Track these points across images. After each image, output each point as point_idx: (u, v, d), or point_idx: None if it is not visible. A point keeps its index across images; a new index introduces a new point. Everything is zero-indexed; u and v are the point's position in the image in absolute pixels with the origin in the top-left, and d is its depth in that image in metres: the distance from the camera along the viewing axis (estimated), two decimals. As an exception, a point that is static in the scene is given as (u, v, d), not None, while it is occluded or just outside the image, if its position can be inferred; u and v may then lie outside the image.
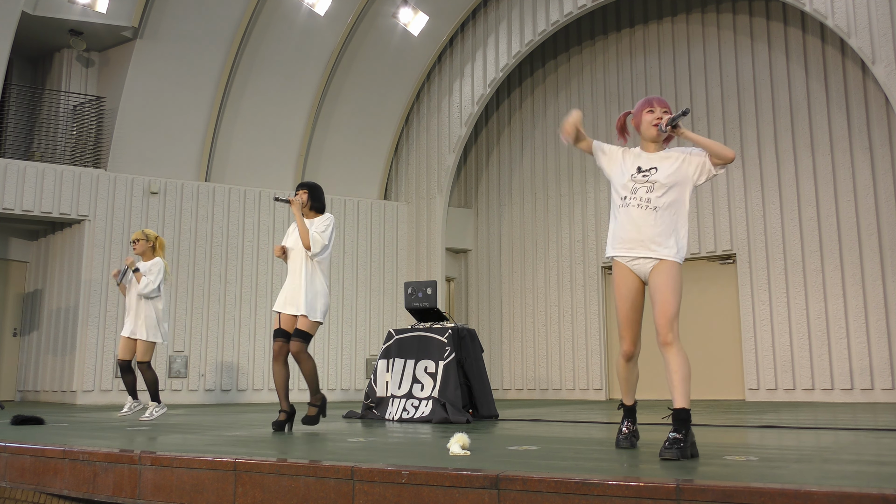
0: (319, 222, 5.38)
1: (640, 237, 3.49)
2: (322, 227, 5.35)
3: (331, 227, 5.39)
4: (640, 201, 3.51)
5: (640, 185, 3.53)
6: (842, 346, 9.95)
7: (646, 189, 3.51)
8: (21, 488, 3.89)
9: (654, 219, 3.48)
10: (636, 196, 3.52)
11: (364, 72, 12.79)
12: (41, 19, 10.82)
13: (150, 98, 11.37)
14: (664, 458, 3.19)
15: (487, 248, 13.48)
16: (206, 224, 11.53)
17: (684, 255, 3.53)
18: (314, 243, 5.25)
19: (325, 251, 5.33)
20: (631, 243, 3.52)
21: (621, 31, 12.59)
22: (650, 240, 3.47)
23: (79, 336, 10.62)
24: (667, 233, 3.47)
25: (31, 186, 10.57)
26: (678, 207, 3.51)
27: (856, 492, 2.17)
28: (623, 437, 3.72)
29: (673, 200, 3.50)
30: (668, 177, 3.52)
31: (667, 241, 3.46)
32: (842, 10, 9.49)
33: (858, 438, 4.30)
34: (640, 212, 3.50)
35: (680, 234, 3.51)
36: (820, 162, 10.47)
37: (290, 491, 2.99)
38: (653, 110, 3.62)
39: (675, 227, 3.49)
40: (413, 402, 6.45)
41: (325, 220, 5.39)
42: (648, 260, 3.49)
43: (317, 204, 5.49)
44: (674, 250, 3.47)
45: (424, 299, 7.01)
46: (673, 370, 3.41)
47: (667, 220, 3.48)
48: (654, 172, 3.54)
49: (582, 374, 12.04)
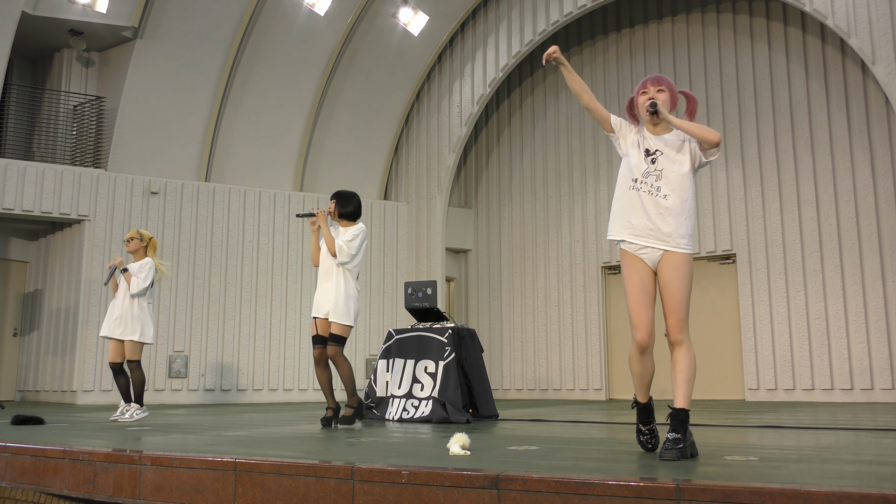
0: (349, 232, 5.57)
1: (649, 225, 3.39)
2: (350, 236, 5.53)
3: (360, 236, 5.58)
4: (650, 188, 3.41)
5: (650, 172, 3.43)
6: (842, 346, 9.95)
7: (655, 177, 3.42)
8: (21, 488, 3.89)
9: (665, 208, 3.38)
10: (647, 182, 3.42)
11: (364, 72, 12.79)
12: (41, 19, 10.82)
13: (150, 98, 11.37)
14: (664, 458, 3.15)
15: (487, 248, 13.48)
16: (206, 224, 11.53)
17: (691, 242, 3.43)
18: (340, 252, 5.45)
19: (354, 260, 5.54)
20: (640, 230, 3.41)
21: (621, 31, 12.59)
22: (659, 229, 3.37)
23: (79, 336, 10.62)
24: (677, 222, 3.37)
25: (31, 186, 10.57)
26: (685, 195, 3.41)
27: (856, 492, 2.17)
28: (646, 439, 3.54)
29: (680, 188, 3.40)
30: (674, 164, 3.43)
31: (677, 231, 3.37)
32: (842, 10, 9.49)
33: (858, 438, 4.30)
34: (651, 199, 3.40)
35: (690, 224, 3.42)
36: (820, 162, 10.47)
37: (290, 491, 2.99)
38: (646, 91, 3.51)
39: (684, 215, 3.39)
40: (413, 402, 6.44)
41: (355, 231, 5.59)
42: (658, 250, 3.39)
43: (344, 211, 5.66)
44: (684, 240, 3.38)
45: (424, 299, 7.01)
46: (679, 369, 3.35)
47: (676, 210, 3.38)
48: (660, 156, 3.44)
49: (582, 374, 12.04)
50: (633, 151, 3.51)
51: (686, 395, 3.31)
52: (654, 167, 3.43)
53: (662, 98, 3.47)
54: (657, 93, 3.48)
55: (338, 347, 5.40)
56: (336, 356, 5.39)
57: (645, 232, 3.40)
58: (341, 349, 5.42)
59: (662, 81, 3.52)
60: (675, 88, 3.55)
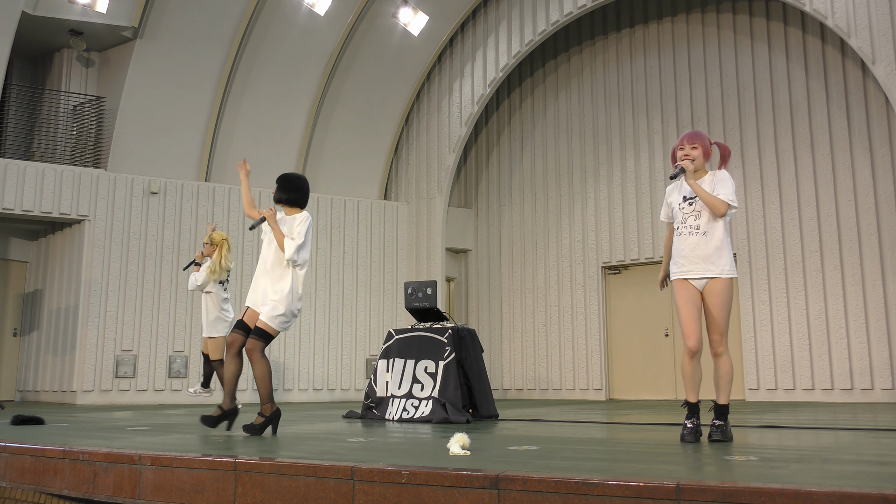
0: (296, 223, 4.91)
1: (694, 259, 4.05)
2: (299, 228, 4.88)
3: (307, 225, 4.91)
4: (690, 229, 4.08)
5: (688, 215, 4.10)
6: (842, 346, 9.95)
7: (693, 217, 4.08)
8: (21, 488, 3.89)
9: (705, 242, 4.03)
10: (686, 225, 4.09)
11: (364, 72, 12.79)
12: (41, 19, 10.82)
13: (150, 98, 11.37)
14: (713, 439, 3.92)
15: (487, 248, 13.48)
16: (206, 224, 11.52)
17: (734, 267, 4.07)
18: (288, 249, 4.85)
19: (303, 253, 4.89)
20: (688, 265, 4.06)
21: (621, 31, 12.59)
22: (702, 260, 4.03)
23: (79, 336, 10.62)
24: (717, 253, 4.01)
25: (31, 186, 10.57)
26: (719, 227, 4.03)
27: (856, 492, 2.17)
28: (688, 432, 4.03)
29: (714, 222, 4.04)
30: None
31: (718, 260, 4.01)
32: (842, 10, 9.49)
33: (858, 438, 4.30)
34: (692, 238, 4.06)
35: (727, 251, 4.04)
36: (820, 162, 10.47)
37: (290, 491, 2.99)
38: (682, 147, 4.16)
39: (720, 244, 4.02)
40: (413, 402, 6.44)
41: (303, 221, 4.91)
42: (703, 279, 4.05)
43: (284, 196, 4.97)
44: (726, 267, 4.02)
45: (424, 299, 7.01)
46: (721, 375, 4.08)
47: (714, 241, 4.02)
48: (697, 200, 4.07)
49: (582, 374, 12.04)
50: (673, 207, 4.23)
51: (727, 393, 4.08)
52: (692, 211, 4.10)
53: (695, 154, 4.13)
54: (692, 150, 4.14)
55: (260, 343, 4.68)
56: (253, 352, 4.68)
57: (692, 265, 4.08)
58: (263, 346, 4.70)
59: (696, 139, 4.16)
60: (708, 144, 4.19)
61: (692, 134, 4.17)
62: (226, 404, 4.96)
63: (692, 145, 4.15)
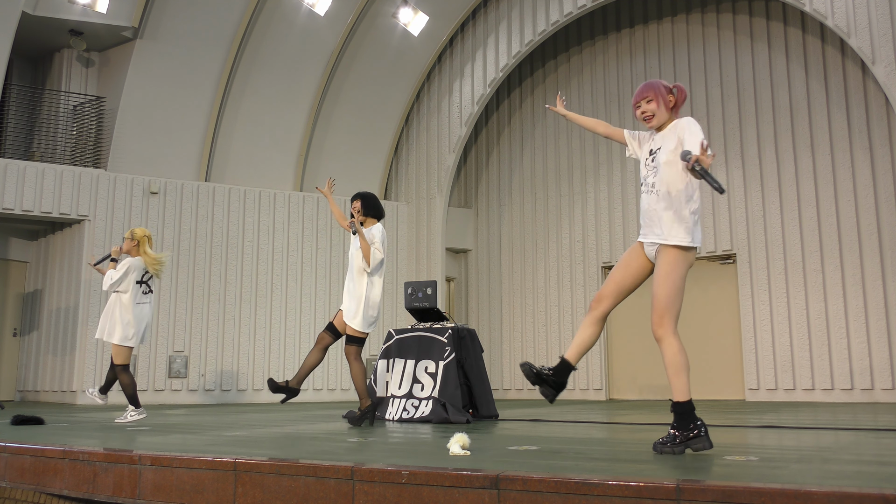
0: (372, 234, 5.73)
1: (646, 221, 3.44)
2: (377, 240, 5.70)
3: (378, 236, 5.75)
4: (648, 187, 3.46)
5: (649, 171, 3.48)
6: (842, 346, 9.95)
7: (652, 174, 3.45)
8: (21, 488, 3.89)
9: (657, 201, 3.39)
10: (646, 183, 3.48)
11: (364, 72, 12.79)
12: (41, 19, 10.82)
13: (150, 98, 11.37)
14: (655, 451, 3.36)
15: (487, 248, 13.48)
16: (206, 224, 11.53)
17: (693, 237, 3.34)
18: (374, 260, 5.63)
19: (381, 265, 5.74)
20: (643, 228, 3.46)
21: (621, 31, 12.59)
22: (655, 224, 3.39)
23: (79, 336, 10.62)
24: (668, 215, 3.34)
25: (31, 186, 10.57)
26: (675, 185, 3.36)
27: (856, 492, 2.17)
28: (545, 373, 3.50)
29: (670, 179, 3.37)
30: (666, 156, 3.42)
31: (666, 224, 3.34)
32: (842, 10, 9.49)
33: (858, 438, 4.30)
34: (647, 197, 3.45)
35: (683, 215, 3.34)
36: (820, 162, 10.47)
37: (290, 491, 2.99)
38: (638, 105, 3.53)
39: (673, 205, 3.35)
40: (413, 402, 6.44)
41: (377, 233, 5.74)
42: (653, 245, 3.41)
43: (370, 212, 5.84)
44: (674, 232, 3.33)
45: (424, 299, 7.00)
46: (665, 364, 3.36)
47: (666, 202, 3.36)
48: (659, 152, 3.45)
49: (582, 374, 12.03)
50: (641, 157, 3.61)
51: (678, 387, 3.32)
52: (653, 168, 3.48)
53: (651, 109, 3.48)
54: (647, 105, 3.49)
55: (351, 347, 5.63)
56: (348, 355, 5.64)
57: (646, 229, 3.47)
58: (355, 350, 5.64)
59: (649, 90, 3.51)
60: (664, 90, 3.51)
61: (643, 87, 3.52)
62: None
63: (646, 99, 3.51)
